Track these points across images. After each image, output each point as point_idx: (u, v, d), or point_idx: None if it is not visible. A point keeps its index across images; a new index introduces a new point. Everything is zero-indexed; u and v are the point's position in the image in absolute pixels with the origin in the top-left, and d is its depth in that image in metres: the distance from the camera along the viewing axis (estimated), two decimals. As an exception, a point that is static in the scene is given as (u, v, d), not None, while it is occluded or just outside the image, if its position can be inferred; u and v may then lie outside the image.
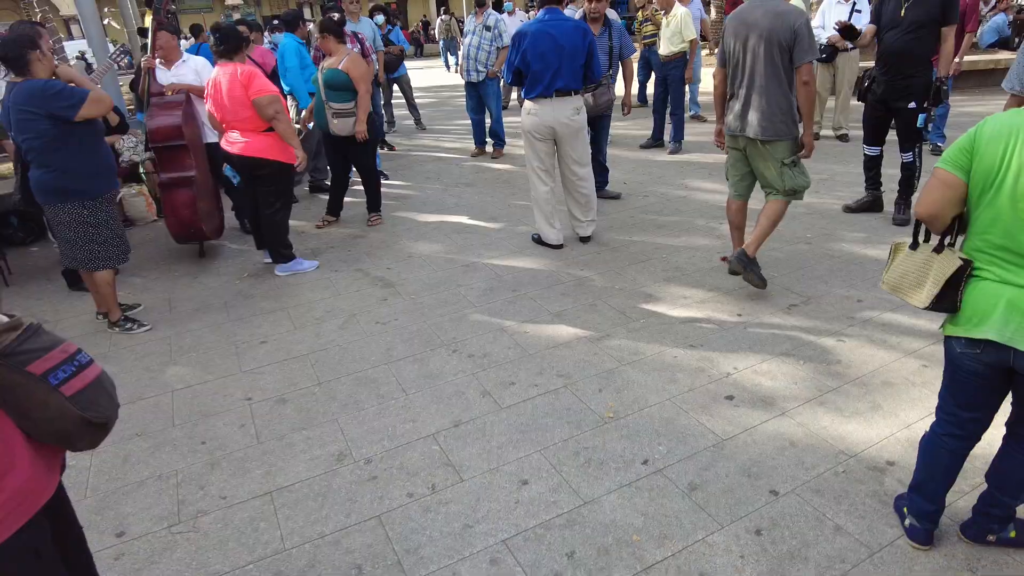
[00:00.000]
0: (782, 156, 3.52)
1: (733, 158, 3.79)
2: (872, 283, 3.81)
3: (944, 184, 1.70)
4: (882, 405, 2.69)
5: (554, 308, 3.70)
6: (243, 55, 4.17)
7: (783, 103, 3.44)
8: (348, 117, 4.88)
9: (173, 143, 4.46)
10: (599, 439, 2.56)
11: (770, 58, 3.38)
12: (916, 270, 1.83)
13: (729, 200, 3.91)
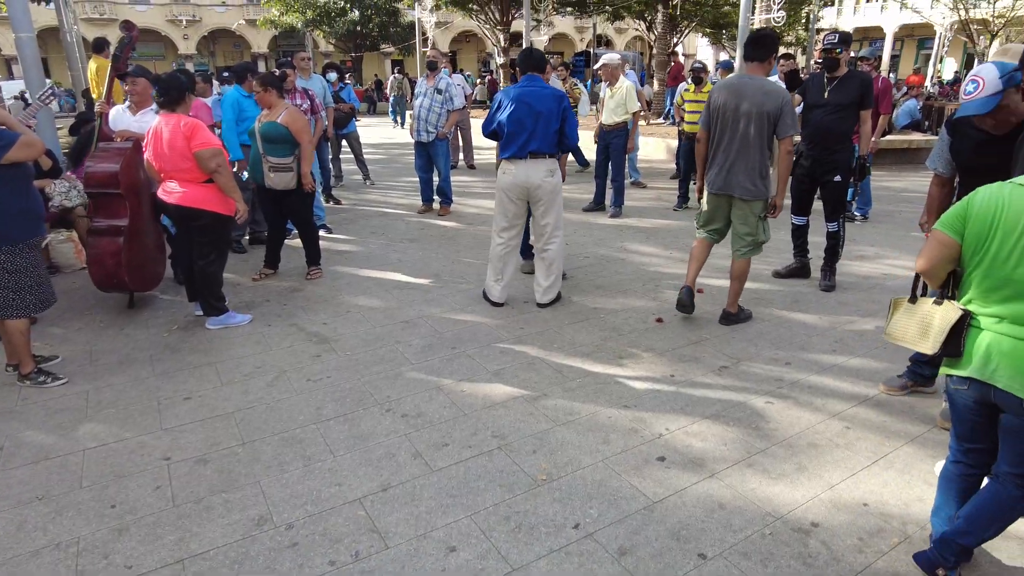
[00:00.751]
0: (759, 212, 4.04)
1: (712, 210, 4.20)
2: (799, 346, 3.95)
3: (941, 244, 1.94)
4: (807, 467, 2.75)
5: (492, 367, 3.69)
6: (186, 106, 4.14)
7: (763, 167, 3.95)
8: (285, 172, 4.89)
9: (107, 191, 4.34)
10: (531, 503, 2.52)
11: (759, 128, 3.87)
12: (919, 322, 2.07)
13: (699, 240, 4.31)
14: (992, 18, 21.95)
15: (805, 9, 18.77)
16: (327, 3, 26.39)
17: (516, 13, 19.99)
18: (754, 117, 3.87)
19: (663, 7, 15.40)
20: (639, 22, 18.92)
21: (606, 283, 5.13)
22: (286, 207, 5.12)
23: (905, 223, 6.95)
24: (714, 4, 16.58)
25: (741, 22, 9.44)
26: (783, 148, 3.91)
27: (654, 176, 9.81)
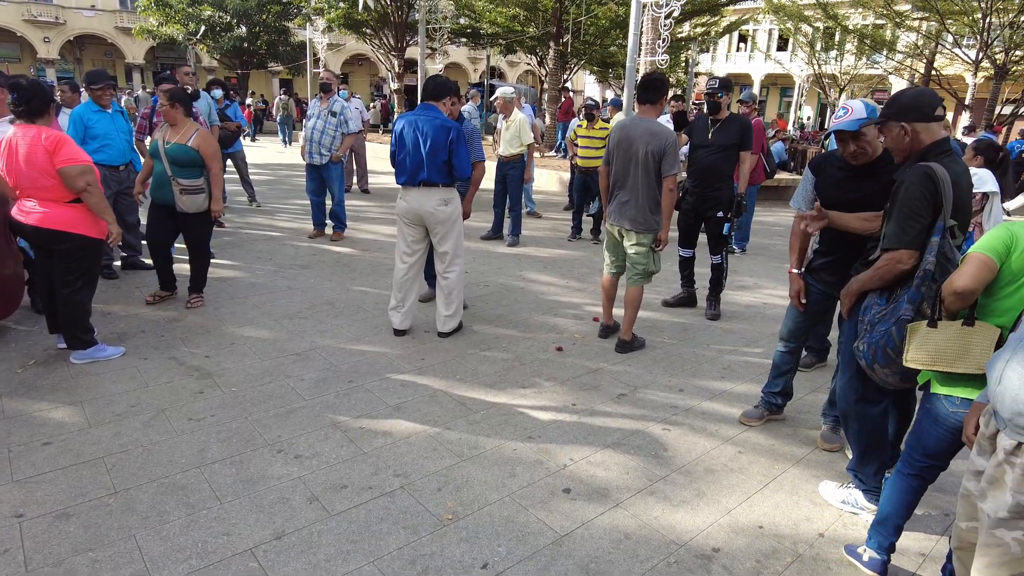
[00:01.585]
0: (649, 243, 4.23)
1: (611, 243, 4.43)
2: (691, 373, 4.11)
3: (987, 267, 2.00)
4: (706, 492, 2.84)
5: (392, 401, 3.56)
6: (49, 118, 3.75)
7: (652, 203, 4.16)
8: (197, 194, 4.66)
9: None
10: (437, 544, 2.42)
11: (647, 167, 4.10)
12: (954, 344, 2.09)
13: (605, 277, 4.54)
14: (840, 74, 24.61)
15: (684, 54, 20.11)
16: (212, 17, 25.21)
17: (411, 40, 19.99)
18: (643, 156, 4.08)
19: (554, 44, 15.96)
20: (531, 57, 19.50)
21: (507, 312, 5.14)
22: (187, 231, 4.84)
23: (778, 255, 7.51)
24: (601, 44, 17.38)
25: (628, 63, 9.93)
26: (666, 186, 4.12)
27: (548, 207, 10.04)
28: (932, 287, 2.25)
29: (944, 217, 2.26)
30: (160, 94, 4.79)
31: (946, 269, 2.24)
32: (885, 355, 2.35)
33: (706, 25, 19.50)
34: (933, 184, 2.27)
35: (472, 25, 18.86)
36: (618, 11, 15.94)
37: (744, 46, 37.05)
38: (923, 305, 2.27)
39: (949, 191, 2.25)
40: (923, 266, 2.27)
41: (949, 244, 2.26)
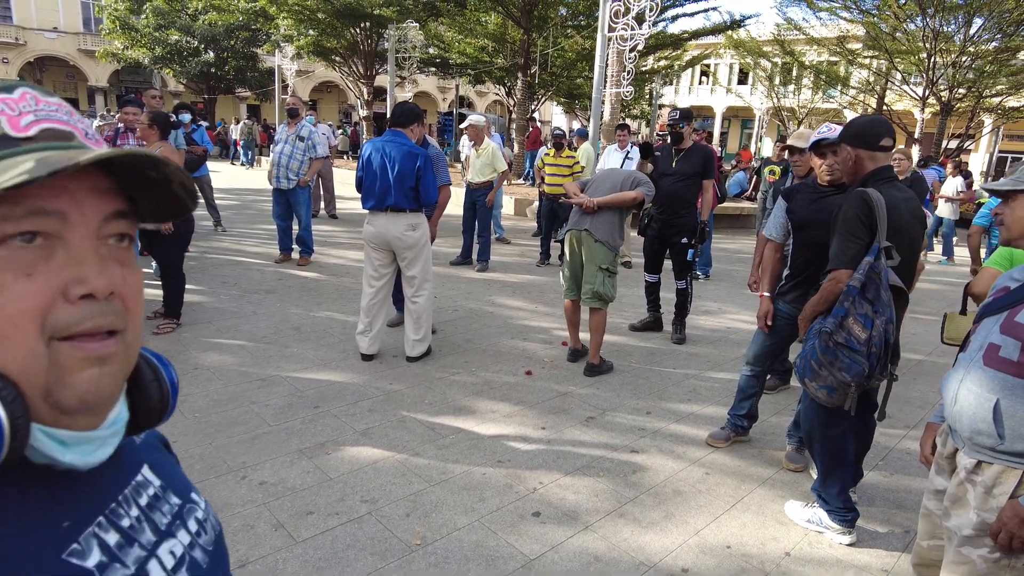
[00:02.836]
0: (602, 261, 4.32)
1: (569, 262, 4.53)
2: (658, 396, 4.16)
3: (993, 276, 2.53)
4: (674, 513, 2.85)
5: (360, 426, 3.51)
6: None
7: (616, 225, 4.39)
8: None
9: None
10: (405, 570, 2.38)
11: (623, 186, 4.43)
12: None
13: (567, 302, 4.62)
14: (798, 107, 25.52)
15: (648, 87, 20.68)
16: (179, 41, 25.08)
17: (380, 68, 20.17)
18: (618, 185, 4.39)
19: (522, 75, 16.27)
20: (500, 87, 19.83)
21: (475, 336, 5.13)
22: (156, 250, 4.83)
23: (741, 282, 7.67)
24: (568, 76, 17.78)
25: (594, 94, 10.16)
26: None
27: (516, 233, 10.12)
28: (860, 303, 2.35)
29: (879, 239, 2.37)
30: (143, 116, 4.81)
31: (878, 287, 2.34)
32: (811, 368, 2.45)
33: (669, 59, 20.13)
34: (868, 207, 2.39)
35: (441, 55, 19.15)
36: (584, 44, 16.36)
37: (706, 80, 38.24)
38: (848, 320, 2.37)
39: (883, 214, 2.37)
40: (849, 282, 2.38)
41: (882, 264, 2.37)
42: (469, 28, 17.00)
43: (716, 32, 17.84)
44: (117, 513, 0.61)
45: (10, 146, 0.52)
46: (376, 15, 16.76)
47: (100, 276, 0.54)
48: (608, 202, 4.31)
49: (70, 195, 0.53)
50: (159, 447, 0.76)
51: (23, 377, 0.52)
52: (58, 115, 0.56)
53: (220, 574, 0.72)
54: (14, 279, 0.51)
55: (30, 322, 0.51)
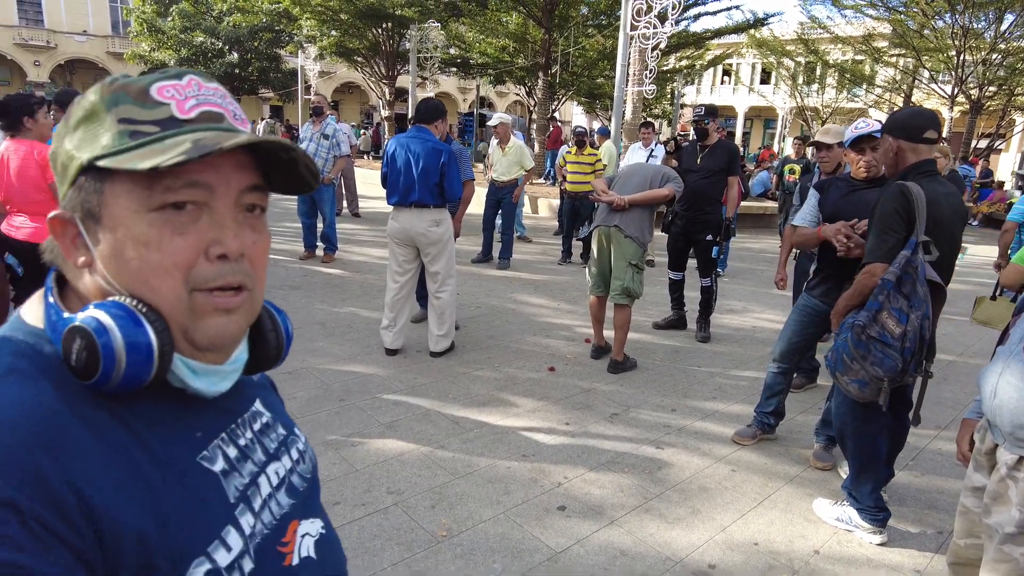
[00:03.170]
0: (631, 257, 4.30)
1: (597, 258, 4.49)
2: (683, 393, 4.13)
3: (1018, 271, 3.26)
4: (701, 510, 2.83)
5: (385, 419, 3.53)
6: (39, 132, 3.73)
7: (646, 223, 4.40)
8: None
9: None
10: (432, 560, 2.39)
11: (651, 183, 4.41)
12: (1002, 313, 3.42)
13: (592, 298, 4.59)
14: (821, 107, 25.21)
15: (670, 86, 20.54)
16: (203, 43, 25.43)
17: (401, 68, 20.27)
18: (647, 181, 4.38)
19: (543, 75, 16.25)
20: (520, 87, 19.83)
21: (498, 333, 5.14)
22: None
23: (766, 281, 7.59)
24: (589, 75, 17.72)
25: (616, 93, 10.12)
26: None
27: (538, 232, 10.11)
28: (895, 297, 2.30)
29: (918, 233, 2.32)
30: None
31: (914, 282, 2.29)
32: (843, 362, 2.41)
33: (691, 58, 19.98)
34: (907, 201, 2.34)
35: (462, 55, 19.18)
36: (605, 43, 16.30)
37: (728, 79, 37.90)
38: (881, 314, 2.32)
39: (923, 208, 2.32)
40: (884, 276, 2.33)
41: (919, 259, 2.32)
42: (490, 28, 17.01)
43: (738, 31, 17.66)
44: (236, 433, 0.74)
45: (176, 127, 0.63)
46: (398, 15, 16.83)
47: (235, 240, 0.64)
48: (639, 200, 4.29)
49: (217, 170, 0.64)
50: (269, 388, 0.89)
51: (169, 315, 0.64)
52: (214, 99, 0.67)
53: (312, 501, 0.82)
54: (170, 237, 0.62)
55: (178, 273, 0.63)
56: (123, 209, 0.62)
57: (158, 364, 0.61)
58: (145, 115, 0.63)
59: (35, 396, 0.58)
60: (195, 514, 0.63)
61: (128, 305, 0.62)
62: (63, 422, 0.57)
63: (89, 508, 0.55)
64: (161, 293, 0.63)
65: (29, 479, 0.53)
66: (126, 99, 0.64)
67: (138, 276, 0.63)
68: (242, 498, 0.69)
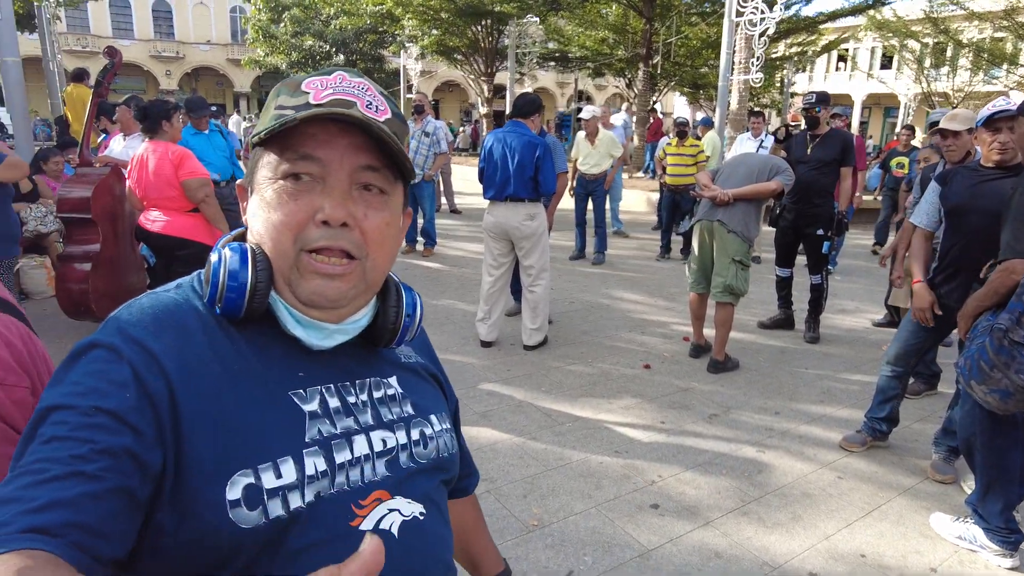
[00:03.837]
0: (735, 253, 4.13)
1: (698, 253, 4.38)
2: (787, 396, 3.94)
3: None
4: (802, 516, 2.70)
5: (479, 408, 3.61)
6: (172, 133, 4.08)
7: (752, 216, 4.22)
8: None
9: (78, 215, 4.26)
10: (523, 548, 2.43)
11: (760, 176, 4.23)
12: None
13: (692, 296, 4.49)
14: (952, 91, 23.15)
15: (779, 74, 19.57)
16: (312, 46, 26.78)
17: (500, 65, 20.49)
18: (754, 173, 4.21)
19: (644, 66, 15.93)
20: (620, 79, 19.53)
21: (592, 328, 5.11)
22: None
23: (883, 280, 7.10)
24: (692, 65, 17.20)
25: (720, 83, 9.76)
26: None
27: (636, 227, 9.94)
28: None
29: None
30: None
31: None
32: (980, 370, 2.18)
33: (803, 44, 18.90)
34: None
35: (561, 49, 19.13)
36: (709, 32, 15.75)
37: (843, 65, 35.62)
38: None
39: None
40: None
41: None
42: (589, 20, 16.86)
43: (856, 12, 16.55)
44: (347, 389, 0.79)
45: (305, 109, 0.71)
46: (497, 12, 17.02)
47: (338, 209, 0.71)
48: (744, 194, 4.12)
49: (331, 147, 0.72)
50: (423, 375, 0.92)
51: (277, 267, 0.74)
52: (352, 90, 0.75)
53: (418, 484, 0.81)
54: (285, 201, 0.72)
55: (289, 232, 0.72)
56: (262, 177, 0.74)
57: (249, 298, 0.71)
58: (291, 101, 0.73)
59: (179, 303, 0.74)
60: (258, 431, 0.69)
61: (246, 249, 0.73)
62: (189, 323, 0.72)
63: (174, 388, 0.66)
64: (273, 247, 0.73)
65: (142, 348, 0.67)
66: (285, 90, 0.75)
67: (262, 230, 0.74)
68: (321, 443, 0.72)
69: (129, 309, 0.71)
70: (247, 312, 0.72)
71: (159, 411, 0.64)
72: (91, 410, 0.61)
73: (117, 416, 0.61)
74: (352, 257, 0.73)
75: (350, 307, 0.77)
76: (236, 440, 0.67)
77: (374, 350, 0.84)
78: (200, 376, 0.68)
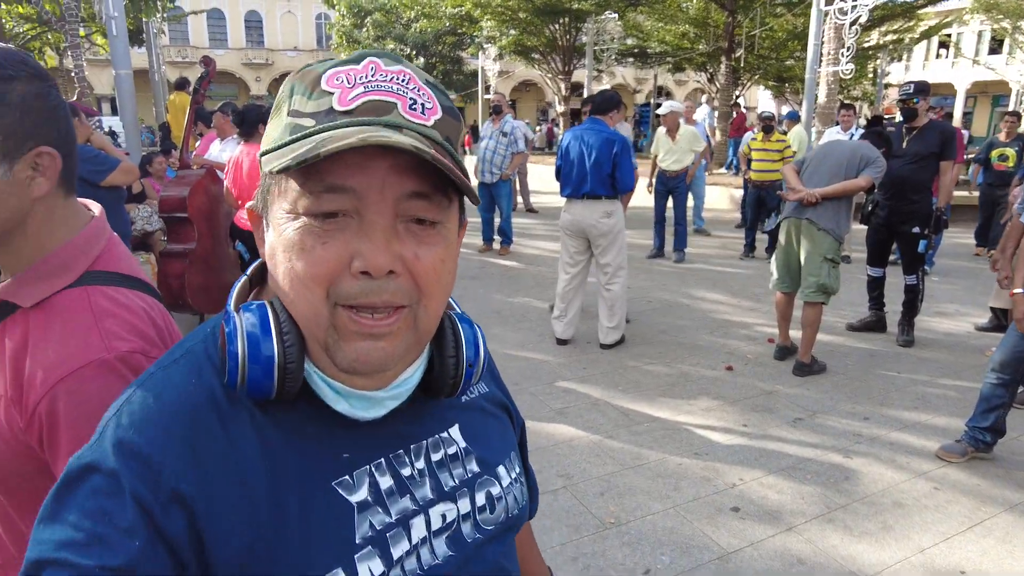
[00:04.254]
0: (826, 252, 3.99)
1: (784, 250, 4.26)
2: (878, 401, 3.76)
3: None
4: (893, 527, 2.58)
5: (555, 405, 3.64)
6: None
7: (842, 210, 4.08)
8: None
9: (176, 214, 4.58)
10: (599, 545, 2.44)
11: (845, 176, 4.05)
12: None
13: (778, 295, 4.37)
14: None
15: (872, 64, 18.56)
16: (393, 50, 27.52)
17: (577, 63, 20.41)
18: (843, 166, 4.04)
19: (726, 59, 15.49)
20: (701, 74, 19.07)
21: (671, 328, 5.04)
22: None
23: (988, 281, 6.63)
24: (778, 57, 16.58)
25: (807, 75, 9.37)
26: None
27: (719, 225, 9.68)
28: None
29: None
30: None
31: None
32: None
33: (899, 32, 17.84)
34: None
35: (640, 45, 18.87)
36: (796, 22, 15.13)
37: (945, 52, 33.36)
38: None
39: None
40: None
41: None
42: (669, 15, 16.54)
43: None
44: (401, 461, 0.64)
45: (330, 120, 0.55)
46: (575, 9, 16.96)
47: (380, 254, 0.54)
48: (832, 194, 3.97)
49: (367, 172, 0.53)
50: (489, 409, 0.77)
51: (307, 329, 0.57)
52: (388, 85, 0.56)
53: (490, 554, 0.69)
54: (312, 245, 0.54)
55: (319, 286, 0.55)
56: (279, 209, 0.57)
57: (279, 380, 0.56)
58: (309, 107, 0.56)
59: (188, 390, 0.58)
60: (301, 543, 0.57)
61: (267, 311, 0.58)
62: (203, 417, 0.57)
63: (191, 511, 0.54)
64: (300, 305, 0.57)
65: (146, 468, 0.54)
66: (300, 88, 0.57)
67: (284, 281, 0.57)
68: (375, 539, 0.60)
69: (131, 407, 0.57)
70: (279, 394, 0.57)
71: (177, 551, 0.53)
72: (96, 571, 0.50)
73: (127, 573, 0.51)
74: (399, 307, 0.57)
75: (399, 366, 0.61)
76: (275, 557, 0.56)
77: (429, 399, 0.68)
78: (224, 487, 0.55)
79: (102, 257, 0.88)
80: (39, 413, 0.76)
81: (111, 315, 0.82)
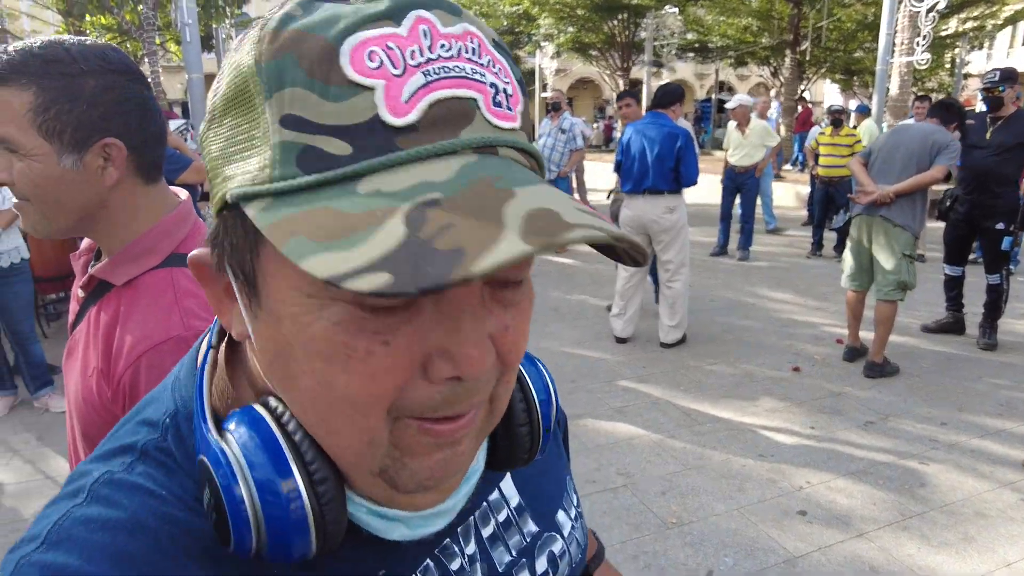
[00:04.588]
0: (903, 248, 3.83)
1: (856, 247, 4.10)
2: (956, 406, 3.58)
3: None
4: (976, 538, 2.45)
5: (615, 403, 3.61)
6: None
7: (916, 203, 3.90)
8: None
9: None
10: (660, 544, 2.41)
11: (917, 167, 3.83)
12: None
13: (849, 293, 4.18)
14: None
15: (950, 53, 17.63)
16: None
17: (636, 59, 20.16)
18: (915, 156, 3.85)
19: (791, 52, 15.01)
20: (764, 68, 18.53)
21: (734, 327, 4.92)
22: None
23: (1077, 281, 6.22)
24: (846, 49, 15.95)
25: (879, 66, 8.97)
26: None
27: (784, 223, 9.38)
28: None
29: None
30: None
31: None
32: None
33: (980, 18, 16.88)
34: None
35: (700, 39, 18.49)
36: (865, 12, 14.53)
37: (1031, 39, 31.35)
38: None
39: None
40: None
41: None
42: (731, 8, 16.13)
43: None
44: (449, 552, 0.50)
45: (385, 149, 0.33)
46: (634, 5, 16.76)
47: (475, 347, 0.36)
48: (906, 190, 3.79)
49: None
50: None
51: (352, 465, 0.40)
52: (457, 65, 0.35)
53: None
54: (368, 349, 0.35)
55: (378, 407, 0.37)
56: (289, 287, 0.36)
57: (317, 543, 0.39)
58: (328, 114, 0.33)
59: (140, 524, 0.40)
60: None
61: (281, 442, 0.39)
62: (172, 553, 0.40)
63: None
64: (344, 437, 0.39)
65: None
66: (297, 72, 0.33)
67: (310, 404, 0.38)
68: None
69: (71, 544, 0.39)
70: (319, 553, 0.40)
71: None
72: None
73: None
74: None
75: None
76: None
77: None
78: None
79: (188, 240, 0.93)
80: (123, 384, 0.81)
81: (192, 295, 0.87)
